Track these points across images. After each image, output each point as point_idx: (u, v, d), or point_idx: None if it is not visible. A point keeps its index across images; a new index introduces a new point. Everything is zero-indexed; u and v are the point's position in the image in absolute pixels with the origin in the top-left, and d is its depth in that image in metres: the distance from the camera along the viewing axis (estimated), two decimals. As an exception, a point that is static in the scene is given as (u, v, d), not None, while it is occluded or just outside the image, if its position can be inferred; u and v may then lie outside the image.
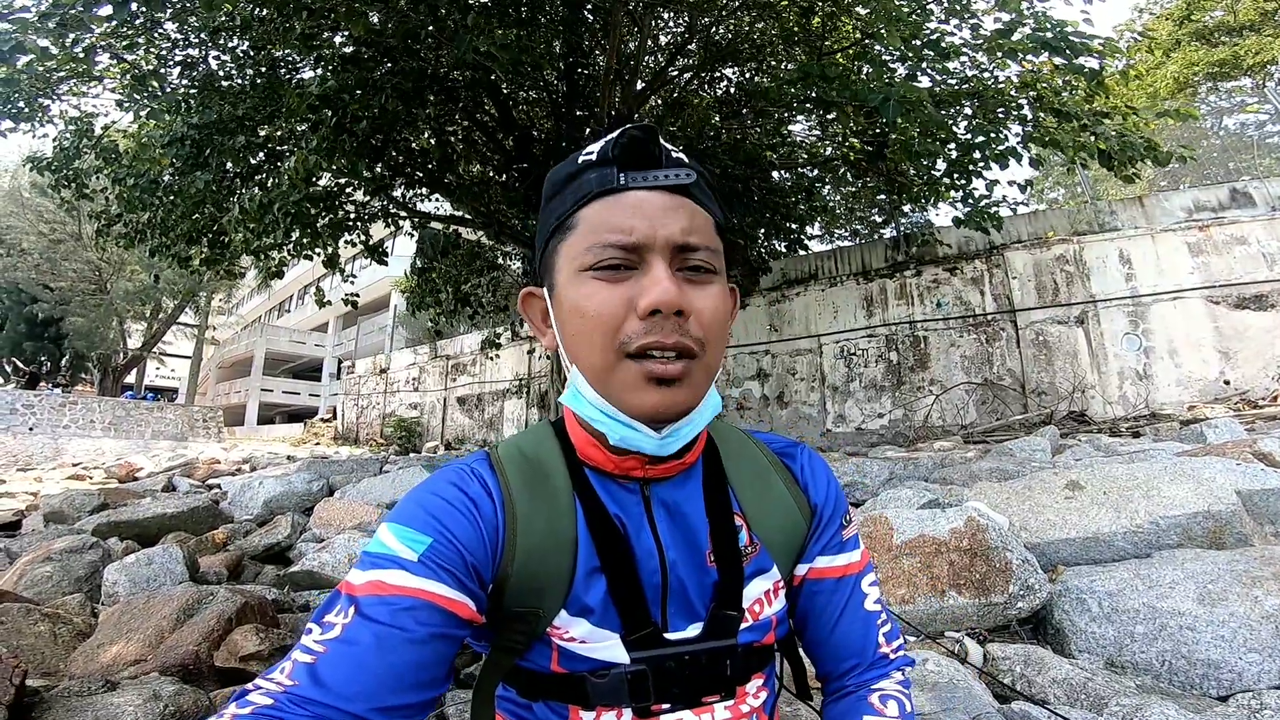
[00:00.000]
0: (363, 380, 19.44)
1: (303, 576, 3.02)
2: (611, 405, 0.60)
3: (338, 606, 0.55)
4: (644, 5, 5.70)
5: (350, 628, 0.53)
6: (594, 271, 0.59)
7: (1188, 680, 1.72)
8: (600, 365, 0.59)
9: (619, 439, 0.61)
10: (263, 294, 36.16)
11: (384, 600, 0.54)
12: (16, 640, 2.02)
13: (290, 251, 7.57)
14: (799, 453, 0.78)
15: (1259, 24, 13.16)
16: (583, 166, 0.63)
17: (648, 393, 0.58)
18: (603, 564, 0.63)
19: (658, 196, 0.60)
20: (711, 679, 0.65)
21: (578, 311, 0.60)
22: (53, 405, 16.97)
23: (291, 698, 0.49)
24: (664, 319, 0.57)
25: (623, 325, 0.58)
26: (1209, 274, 7.34)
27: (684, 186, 0.61)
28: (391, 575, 0.55)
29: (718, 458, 0.73)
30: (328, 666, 0.51)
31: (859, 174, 7.82)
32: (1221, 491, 2.41)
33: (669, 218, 0.59)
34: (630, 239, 0.58)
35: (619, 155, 0.61)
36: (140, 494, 6.16)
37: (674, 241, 0.59)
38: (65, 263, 21.31)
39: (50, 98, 5.28)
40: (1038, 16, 3.99)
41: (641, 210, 0.59)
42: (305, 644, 0.53)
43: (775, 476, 0.74)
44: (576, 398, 0.63)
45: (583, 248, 0.60)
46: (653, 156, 0.61)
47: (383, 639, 0.52)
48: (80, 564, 3.01)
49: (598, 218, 0.60)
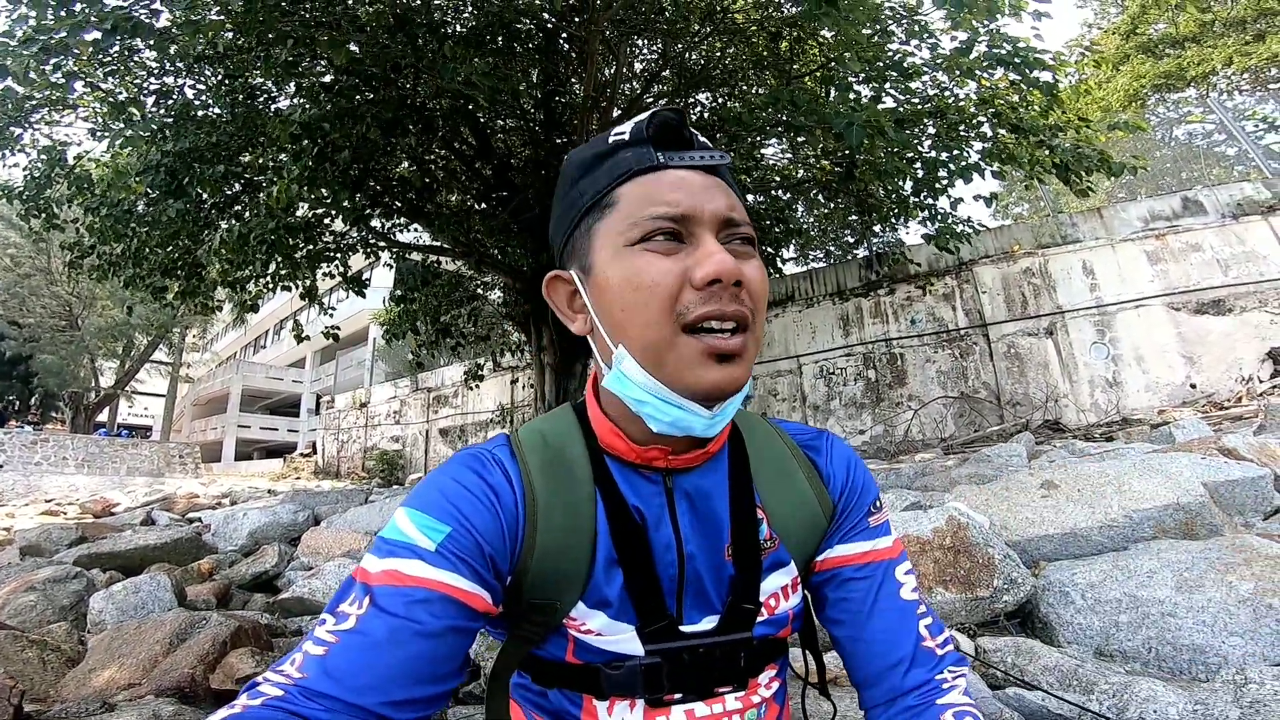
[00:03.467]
0: (343, 414, 19.15)
1: (293, 603, 2.98)
2: (663, 385, 0.58)
3: (352, 595, 0.54)
4: (619, 33, 5.86)
5: (364, 619, 0.52)
6: (644, 244, 0.58)
7: (1175, 665, 1.75)
8: (656, 340, 0.58)
9: (670, 420, 0.59)
10: (238, 330, 35.58)
11: (399, 591, 0.53)
12: (5, 666, 1.97)
13: (268, 284, 7.48)
14: (824, 444, 0.76)
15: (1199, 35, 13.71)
16: (614, 146, 0.62)
17: (708, 369, 0.57)
18: (620, 557, 0.62)
19: (696, 175, 0.61)
20: (725, 671, 0.64)
21: (630, 285, 0.58)
22: (23, 443, 16.69)
23: (302, 690, 0.49)
24: (723, 289, 0.57)
25: (680, 296, 0.57)
26: (1168, 281, 7.55)
27: (717, 167, 0.62)
28: (408, 565, 0.54)
29: (743, 447, 0.71)
30: (339, 658, 0.50)
31: (830, 195, 8.02)
32: (1189, 484, 2.48)
33: (711, 194, 0.60)
34: (678, 211, 0.58)
35: (654, 135, 0.61)
36: (119, 528, 5.97)
37: (721, 215, 0.59)
38: (34, 298, 20.90)
39: (23, 125, 5.23)
40: (993, 34, 4.18)
41: (684, 186, 0.59)
42: (318, 634, 0.52)
43: (798, 469, 0.72)
44: (622, 379, 0.61)
45: (627, 223, 0.59)
46: (684, 138, 0.62)
47: (396, 632, 0.51)
48: (64, 593, 2.95)
49: (641, 192, 0.60)
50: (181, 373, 30.98)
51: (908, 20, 4.51)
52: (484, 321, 10.60)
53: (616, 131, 0.63)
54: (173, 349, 28.76)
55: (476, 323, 10.30)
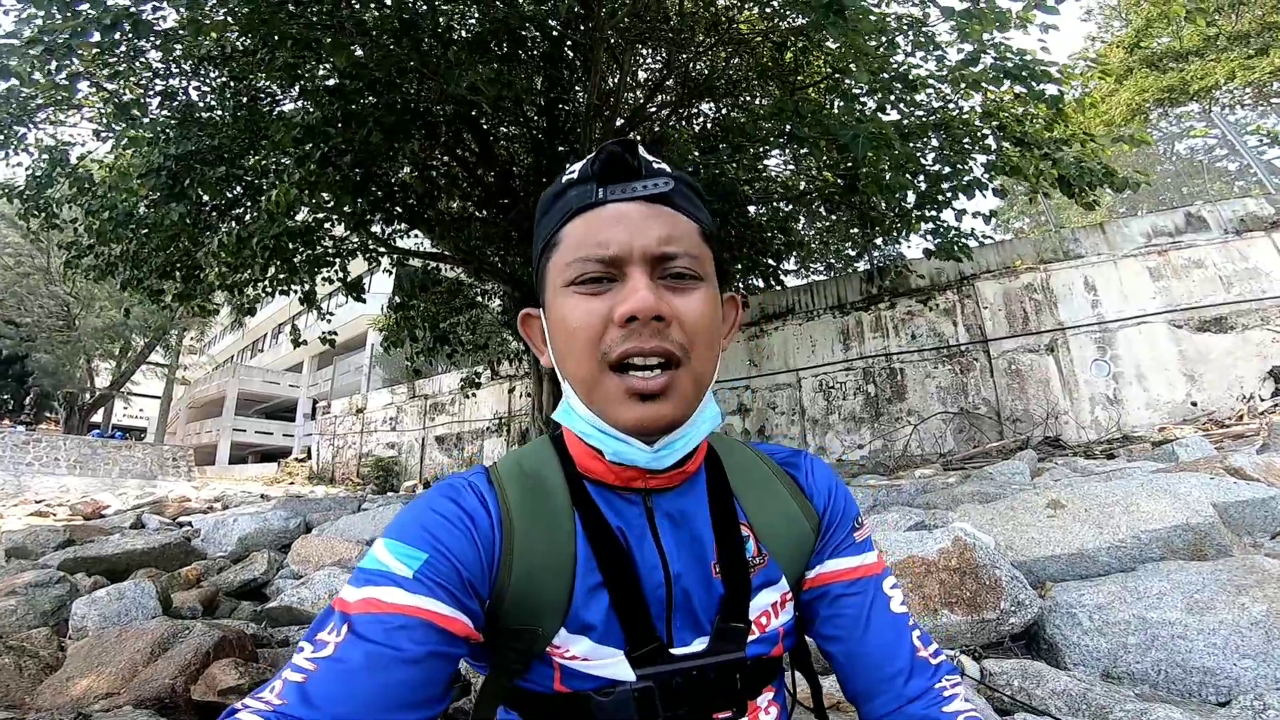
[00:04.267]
0: (339, 420, 19.09)
1: (281, 612, 2.95)
2: (600, 419, 0.60)
3: (330, 624, 0.54)
4: (624, 42, 5.87)
5: (343, 646, 0.51)
6: (575, 286, 0.60)
7: (1185, 688, 1.72)
8: (586, 378, 0.60)
9: (613, 453, 0.62)
10: (235, 333, 35.60)
11: (378, 618, 0.53)
12: None
13: (266, 288, 7.47)
14: (802, 460, 0.77)
15: (1203, 49, 13.74)
16: (566, 185, 0.64)
17: (630, 407, 0.58)
18: (605, 578, 0.62)
19: (636, 207, 0.61)
20: (721, 694, 0.63)
21: (562, 326, 0.61)
22: (15, 442, 16.57)
23: (280, 716, 0.48)
24: (641, 325, 0.57)
25: (603, 336, 0.58)
26: (1170, 298, 7.55)
27: (663, 195, 0.62)
28: (386, 592, 0.54)
29: (720, 466, 0.72)
30: (318, 686, 0.50)
31: (832, 207, 8.03)
32: (1198, 505, 2.46)
33: (647, 227, 0.60)
34: (608, 252, 0.59)
35: (598, 171, 0.62)
36: (108, 531, 5.93)
37: (650, 252, 0.59)
38: (32, 297, 20.88)
39: (27, 125, 5.24)
40: (999, 46, 4.19)
41: (621, 222, 0.60)
42: (296, 662, 0.52)
43: (780, 486, 0.73)
44: (569, 413, 0.65)
45: (564, 263, 0.61)
46: (631, 169, 0.62)
47: (375, 658, 0.51)
48: (46, 598, 2.92)
49: (579, 233, 0.61)
50: (178, 375, 30.90)
51: (914, 32, 4.52)
52: (482, 329, 10.57)
53: (570, 170, 0.65)
54: (169, 351, 28.68)
55: (475, 330, 10.27)
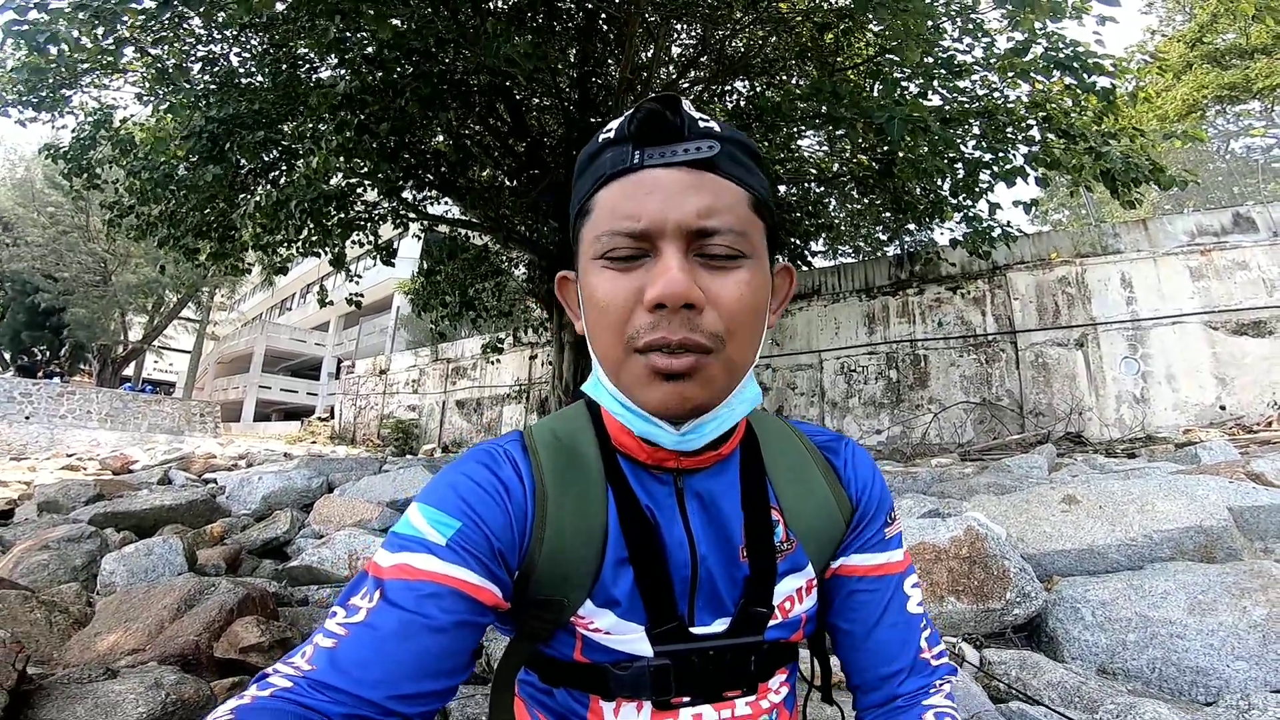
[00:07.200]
0: (362, 380, 19.39)
1: (302, 572, 2.99)
2: (626, 398, 0.58)
3: (364, 589, 0.54)
4: (659, 16, 5.80)
5: (375, 612, 0.52)
6: (605, 259, 0.56)
7: (1177, 687, 1.76)
8: (612, 358, 0.57)
9: (640, 431, 0.60)
10: (265, 291, 36.16)
11: (410, 585, 0.53)
12: (12, 627, 1.98)
13: (299, 249, 7.62)
14: (843, 447, 0.74)
15: (1271, 47, 13.10)
16: (602, 146, 0.59)
17: (654, 388, 0.55)
18: (631, 556, 0.61)
19: (676, 174, 0.55)
20: (735, 675, 0.63)
21: (592, 301, 0.58)
22: (50, 395, 16.90)
23: (310, 681, 0.49)
24: (671, 313, 0.53)
25: (631, 318, 0.55)
26: (1209, 299, 7.37)
27: (707, 160, 0.55)
28: (419, 559, 0.54)
29: (757, 449, 0.70)
30: (348, 651, 0.50)
31: (865, 190, 7.90)
32: (1214, 508, 2.46)
33: (685, 198, 0.54)
34: (639, 225, 0.54)
35: (635, 131, 0.56)
36: (135, 486, 6.11)
37: (687, 226, 0.54)
38: (71, 253, 21.43)
39: (73, 89, 5.36)
40: (1051, 36, 4.06)
41: (656, 192, 0.55)
42: (328, 627, 0.53)
43: (816, 471, 0.71)
44: (597, 387, 0.62)
45: (595, 235, 0.57)
46: (673, 129, 0.56)
47: (406, 625, 0.51)
48: (78, 553, 2.95)
49: (610, 202, 0.57)
50: (208, 330, 31.63)
51: (962, 18, 4.39)
52: (507, 296, 10.68)
53: (607, 128, 0.59)
54: (201, 307, 29.35)
55: (500, 297, 10.38)
